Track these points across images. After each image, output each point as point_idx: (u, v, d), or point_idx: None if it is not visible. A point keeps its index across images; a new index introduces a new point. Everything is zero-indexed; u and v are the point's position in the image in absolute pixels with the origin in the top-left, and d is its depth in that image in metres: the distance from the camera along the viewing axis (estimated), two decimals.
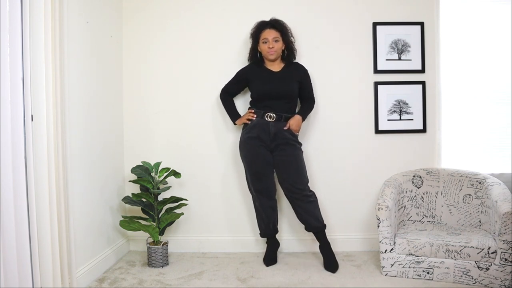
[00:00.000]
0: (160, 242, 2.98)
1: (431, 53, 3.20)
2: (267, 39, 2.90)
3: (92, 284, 2.66)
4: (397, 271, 2.69)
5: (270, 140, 2.90)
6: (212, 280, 2.72)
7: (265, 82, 2.95)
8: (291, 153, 2.90)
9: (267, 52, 2.92)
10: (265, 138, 2.90)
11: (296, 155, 2.91)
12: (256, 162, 2.93)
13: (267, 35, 2.91)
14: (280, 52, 2.96)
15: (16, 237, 2.01)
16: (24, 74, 2.04)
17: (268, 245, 3.07)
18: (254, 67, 3.03)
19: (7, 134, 1.97)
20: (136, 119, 3.32)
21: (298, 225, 3.23)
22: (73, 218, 2.42)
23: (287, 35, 2.96)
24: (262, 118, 2.91)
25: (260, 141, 2.91)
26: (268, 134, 2.89)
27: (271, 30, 2.91)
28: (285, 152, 2.89)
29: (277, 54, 2.94)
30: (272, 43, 2.90)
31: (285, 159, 2.88)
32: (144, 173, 2.99)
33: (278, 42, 2.91)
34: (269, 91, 2.93)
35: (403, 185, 3.04)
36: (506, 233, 2.48)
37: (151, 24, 3.28)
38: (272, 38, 2.90)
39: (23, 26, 2.03)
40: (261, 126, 2.91)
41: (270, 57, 2.93)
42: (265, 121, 2.90)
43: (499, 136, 3.24)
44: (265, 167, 2.92)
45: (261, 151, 2.91)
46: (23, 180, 2.05)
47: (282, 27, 2.94)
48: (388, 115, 3.21)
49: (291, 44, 3.01)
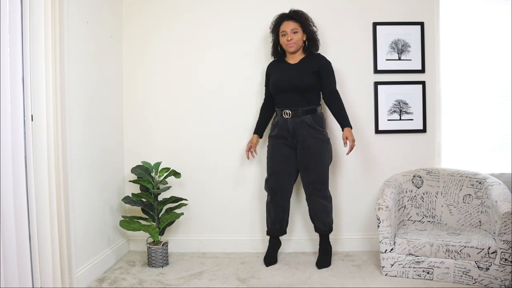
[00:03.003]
0: (160, 242, 2.98)
1: (431, 53, 3.20)
2: (286, 32, 2.86)
3: (92, 284, 2.66)
4: (397, 271, 2.69)
5: (291, 137, 2.87)
6: (212, 280, 2.72)
7: (279, 76, 2.92)
8: (312, 150, 2.84)
9: (286, 44, 2.88)
10: (286, 135, 2.88)
11: (317, 152, 2.84)
12: (274, 161, 2.94)
13: (285, 27, 2.87)
14: (301, 43, 2.89)
15: (16, 237, 2.01)
16: (24, 74, 2.05)
17: (269, 245, 3.05)
18: (275, 63, 3.02)
19: (7, 134, 1.97)
20: (136, 119, 3.32)
21: (298, 225, 3.24)
22: (73, 218, 2.42)
23: (307, 25, 2.88)
24: (281, 116, 2.90)
25: (282, 139, 2.90)
26: (288, 132, 2.87)
27: (289, 22, 2.86)
28: (305, 149, 2.85)
29: (297, 46, 2.88)
30: (290, 35, 2.84)
31: (305, 157, 2.86)
32: (144, 173, 2.99)
33: (297, 34, 2.85)
34: (280, 84, 2.90)
35: (403, 185, 3.04)
36: (506, 233, 2.47)
37: (151, 24, 3.28)
38: (290, 30, 2.84)
39: (23, 26, 2.04)
40: (281, 124, 2.90)
41: (290, 49, 2.88)
42: (283, 118, 2.88)
43: (499, 136, 3.24)
44: (282, 166, 2.91)
45: (281, 150, 2.90)
46: (23, 180, 2.05)
47: (301, 18, 2.87)
48: (388, 115, 3.21)
49: (313, 34, 2.91)
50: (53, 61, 2.19)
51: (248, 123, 3.24)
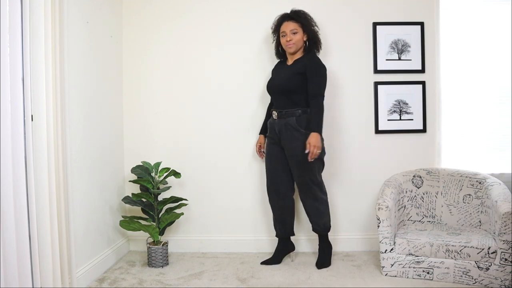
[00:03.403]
0: (160, 242, 2.98)
1: (431, 53, 3.20)
2: (285, 32, 2.85)
3: (92, 284, 2.66)
4: (397, 271, 2.69)
5: (278, 138, 2.89)
6: (212, 280, 2.72)
7: (272, 77, 2.98)
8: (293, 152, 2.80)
9: (285, 45, 2.88)
10: (274, 137, 2.91)
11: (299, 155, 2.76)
12: (267, 161, 2.98)
13: (284, 28, 2.86)
14: (301, 44, 2.87)
15: (16, 237, 2.01)
16: (24, 74, 2.05)
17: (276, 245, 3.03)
18: (278, 64, 3.05)
19: (7, 134, 1.97)
20: (136, 119, 3.32)
21: (297, 225, 3.23)
22: (73, 218, 2.42)
23: (308, 25, 2.86)
24: (271, 117, 2.95)
25: (273, 140, 2.93)
26: (275, 133, 2.89)
27: (289, 23, 2.85)
28: (288, 151, 2.84)
29: (297, 47, 2.86)
30: (289, 36, 2.83)
31: (290, 159, 2.86)
32: (144, 173, 2.99)
33: (296, 34, 2.83)
34: (269, 86, 2.96)
35: (403, 185, 3.04)
36: (506, 233, 2.47)
37: (151, 24, 3.28)
38: (290, 31, 2.83)
39: (23, 26, 2.04)
40: (271, 125, 2.95)
41: (289, 50, 2.88)
42: (273, 119, 2.93)
43: (499, 136, 3.24)
44: (274, 166, 2.93)
45: (273, 151, 2.92)
46: (23, 180, 2.05)
47: (302, 18, 2.85)
48: (388, 115, 3.21)
49: (314, 34, 2.89)
50: (53, 61, 2.19)
51: (248, 123, 3.24)
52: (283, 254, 3.01)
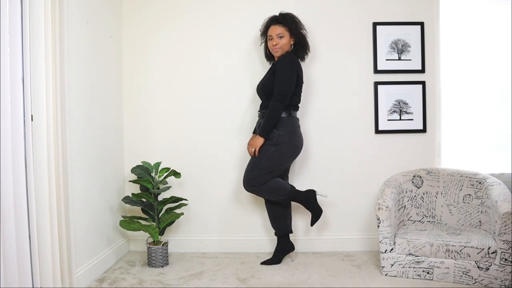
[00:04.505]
0: (160, 242, 2.98)
1: (431, 53, 3.20)
2: (272, 36, 2.86)
3: (92, 284, 2.66)
4: (397, 271, 2.69)
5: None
6: (212, 280, 2.72)
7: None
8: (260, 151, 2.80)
9: (272, 49, 2.89)
10: None
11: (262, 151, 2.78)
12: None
13: (271, 31, 2.87)
14: (287, 48, 2.86)
15: (16, 237, 2.01)
16: (24, 74, 2.05)
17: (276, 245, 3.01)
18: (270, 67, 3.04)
19: (7, 134, 1.97)
20: (136, 119, 3.32)
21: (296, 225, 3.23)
22: (73, 218, 2.42)
23: (295, 29, 2.85)
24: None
25: None
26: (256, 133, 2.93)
27: (275, 27, 2.86)
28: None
29: (283, 51, 2.85)
30: (276, 40, 2.84)
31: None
32: (144, 173, 2.99)
33: (283, 38, 2.83)
34: (256, 88, 2.99)
35: (403, 185, 3.04)
36: (506, 233, 2.47)
37: (151, 24, 3.28)
38: (276, 35, 2.84)
39: (23, 26, 2.04)
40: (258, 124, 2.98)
41: (275, 54, 2.90)
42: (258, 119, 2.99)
43: (499, 136, 3.25)
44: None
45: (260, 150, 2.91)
46: (23, 180, 2.05)
47: (289, 22, 2.85)
48: (388, 115, 3.21)
49: (302, 37, 2.89)
50: (53, 61, 2.19)
51: (248, 123, 3.24)
52: (283, 254, 3.01)
